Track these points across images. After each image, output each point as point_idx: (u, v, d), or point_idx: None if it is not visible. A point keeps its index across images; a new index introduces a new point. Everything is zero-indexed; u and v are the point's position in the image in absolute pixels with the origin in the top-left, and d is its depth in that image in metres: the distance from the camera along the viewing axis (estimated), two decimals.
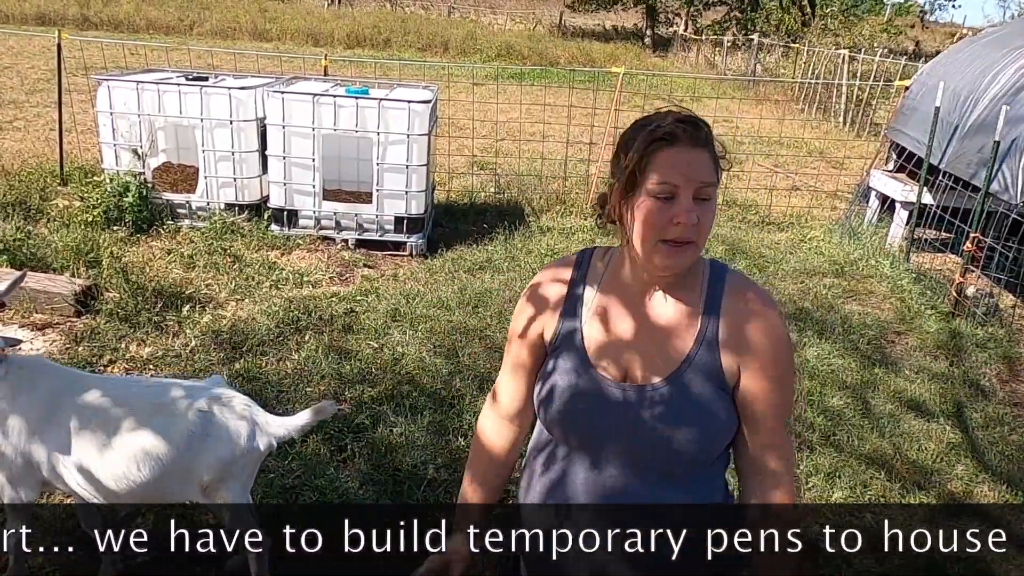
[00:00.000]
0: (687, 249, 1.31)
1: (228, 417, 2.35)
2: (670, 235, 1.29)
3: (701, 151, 1.30)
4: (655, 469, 1.38)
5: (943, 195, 6.36)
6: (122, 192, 5.88)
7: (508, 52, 22.69)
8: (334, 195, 6.34)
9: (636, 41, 28.68)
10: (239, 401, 2.42)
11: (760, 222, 7.71)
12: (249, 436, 2.36)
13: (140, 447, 2.26)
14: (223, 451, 2.31)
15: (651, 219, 1.29)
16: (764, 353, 1.35)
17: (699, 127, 1.31)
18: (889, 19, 25.07)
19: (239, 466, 2.36)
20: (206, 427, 2.30)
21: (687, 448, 1.35)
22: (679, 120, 1.31)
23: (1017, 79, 6.13)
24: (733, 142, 10.53)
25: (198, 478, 2.31)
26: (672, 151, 1.28)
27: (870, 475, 3.55)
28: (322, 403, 2.48)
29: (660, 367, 1.36)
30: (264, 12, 24.44)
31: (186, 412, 2.30)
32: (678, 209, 1.28)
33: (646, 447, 1.36)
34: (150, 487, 2.29)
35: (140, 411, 2.30)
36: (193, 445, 2.29)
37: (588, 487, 1.42)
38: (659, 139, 1.29)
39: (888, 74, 13.83)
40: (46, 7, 21.78)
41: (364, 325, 4.63)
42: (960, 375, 4.65)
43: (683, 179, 1.28)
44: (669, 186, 1.28)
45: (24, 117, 9.96)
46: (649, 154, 1.29)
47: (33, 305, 4.45)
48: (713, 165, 1.32)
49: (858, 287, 6.07)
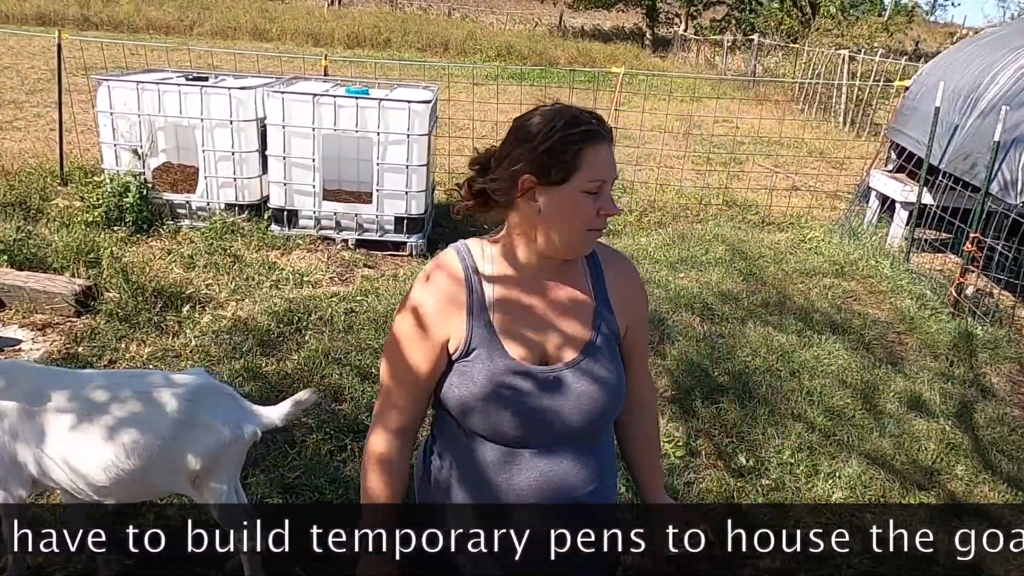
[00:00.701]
0: (600, 235, 1.45)
1: (213, 406, 2.36)
2: (596, 225, 1.41)
3: (611, 146, 1.42)
4: (586, 436, 1.48)
5: (943, 195, 6.37)
6: (122, 192, 5.88)
7: (508, 52, 22.69)
8: (334, 195, 6.34)
9: (636, 41, 28.68)
10: (223, 391, 2.44)
11: (760, 222, 7.71)
12: (235, 424, 2.36)
13: (127, 437, 2.26)
14: (210, 440, 2.31)
15: (583, 211, 1.39)
16: (641, 307, 1.57)
17: (604, 123, 1.42)
18: (889, 18, 25.06)
19: (226, 455, 2.35)
20: (192, 416, 2.30)
21: (610, 407, 1.48)
22: (594, 118, 1.40)
23: (1017, 79, 6.13)
24: (733, 142, 10.54)
25: (186, 468, 2.31)
26: (600, 148, 1.39)
27: (870, 475, 3.55)
28: (302, 393, 2.49)
29: (573, 342, 1.46)
30: (264, 12, 24.45)
31: (171, 401, 2.31)
32: (605, 202, 1.40)
33: (578, 418, 1.45)
34: (138, 479, 2.30)
35: (124, 402, 2.30)
36: (180, 434, 2.29)
37: (531, 477, 1.45)
38: (588, 138, 1.38)
39: (888, 74, 13.84)
40: (46, 7, 21.79)
41: (364, 325, 4.63)
42: (960, 375, 4.65)
43: (609, 175, 1.40)
44: (599, 182, 1.39)
45: (24, 117, 9.97)
46: (579, 150, 1.37)
47: (33, 305, 4.45)
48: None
49: (858, 287, 6.07)
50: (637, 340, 1.57)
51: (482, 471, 1.46)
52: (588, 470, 1.47)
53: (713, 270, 6.04)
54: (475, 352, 1.43)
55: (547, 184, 1.38)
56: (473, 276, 1.46)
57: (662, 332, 4.78)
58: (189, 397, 2.33)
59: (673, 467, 3.48)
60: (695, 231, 7.08)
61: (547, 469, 1.45)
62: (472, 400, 1.43)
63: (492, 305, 1.45)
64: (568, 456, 1.46)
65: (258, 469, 3.22)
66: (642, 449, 1.64)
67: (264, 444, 3.38)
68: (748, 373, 4.38)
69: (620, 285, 1.53)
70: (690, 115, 11.87)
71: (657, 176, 8.71)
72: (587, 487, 1.47)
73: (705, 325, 5.02)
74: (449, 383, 1.45)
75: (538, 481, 1.45)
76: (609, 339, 1.49)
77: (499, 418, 1.42)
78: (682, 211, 7.79)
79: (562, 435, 1.44)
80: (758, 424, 3.87)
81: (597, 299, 1.50)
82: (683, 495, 3.31)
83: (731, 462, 3.59)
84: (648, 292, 5.81)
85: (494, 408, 1.42)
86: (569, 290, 1.49)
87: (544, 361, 1.45)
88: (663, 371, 4.34)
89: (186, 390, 2.34)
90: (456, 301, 1.45)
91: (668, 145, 9.61)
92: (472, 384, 1.42)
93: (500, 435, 1.44)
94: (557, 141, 1.36)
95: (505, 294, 1.46)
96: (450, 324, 1.44)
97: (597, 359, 1.46)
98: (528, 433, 1.43)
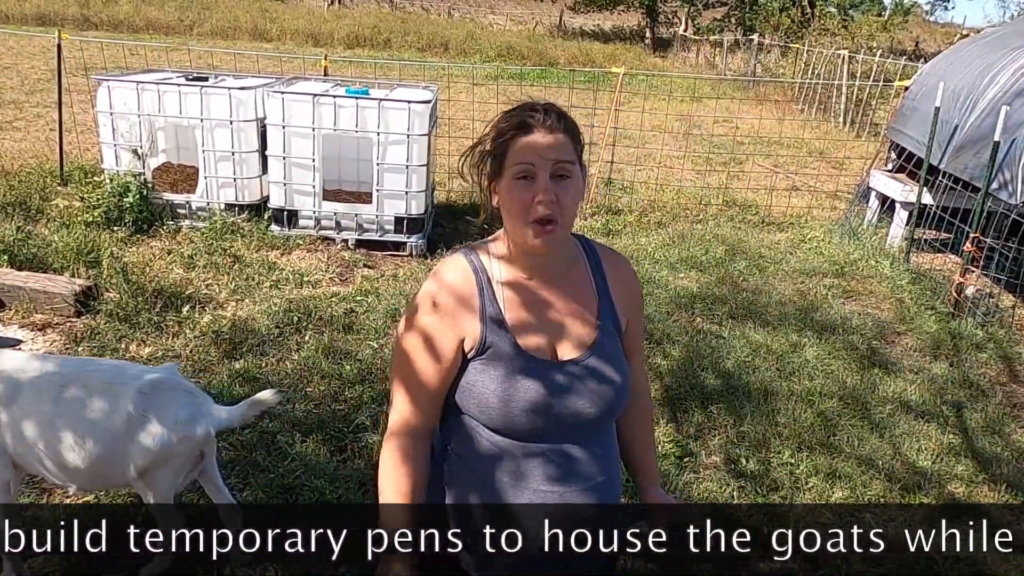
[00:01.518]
0: (554, 228, 1.41)
1: (167, 401, 2.39)
2: (534, 215, 1.40)
3: (557, 134, 1.41)
4: (596, 429, 1.52)
5: (943, 195, 6.36)
6: (122, 192, 5.88)
7: (508, 52, 22.69)
8: (334, 195, 6.34)
9: (636, 41, 28.68)
10: (181, 387, 2.47)
11: (760, 222, 7.71)
12: (187, 422, 2.39)
13: (85, 422, 2.33)
14: (160, 435, 2.35)
15: (516, 198, 1.41)
16: (638, 301, 1.63)
17: (550, 113, 1.42)
18: (888, 19, 25.05)
19: (175, 452, 2.39)
20: (145, 409, 2.34)
21: (619, 400, 1.52)
22: (533, 109, 1.42)
23: (1017, 79, 6.13)
24: (733, 142, 10.54)
25: (134, 460, 2.35)
26: (528, 137, 1.40)
27: (870, 476, 3.55)
28: (262, 393, 2.52)
29: (582, 337, 1.50)
30: (264, 12, 24.45)
31: (128, 394, 2.35)
32: (537, 187, 1.39)
33: (591, 411, 1.48)
34: (95, 465, 2.36)
35: (89, 389, 2.36)
36: (132, 426, 2.33)
37: (544, 471, 1.47)
38: (515, 127, 1.41)
39: (887, 74, 13.84)
40: (46, 7, 21.78)
41: (364, 325, 4.63)
42: (960, 376, 4.65)
43: (538, 159, 1.39)
44: (525, 166, 1.39)
45: (24, 117, 9.96)
46: (508, 140, 1.41)
47: (33, 305, 4.46)
48: (572, 146, 1.43)
49: (858, 287, 6.07)
50: (634, 335, 1.62)
51: (496, 466, 1.48)
52: (598, 462, 1.51)
53: (713, 270, 6.04)
54: (490, 350, 1.46)
55: (496, 180, 1.44)
56: (482, 276, 1.49)
57: (662, 332, 4.78)
58: (145, 391, 2.36)
59: (672, 467, 3.48)
60: (695, 231, 7.09)
61: (560, 461, 1.48)
62: (490, 397, 1.45)
63: (503, 304, 1.48)
64: (579, 449, 1.49)
65: (258, 469, 3.23)
66: (637, 441, 1.68)
67: (264, 444, 3.39)
68: (747, 373, 4.38)
69: (619, 282, 1.58)
70: (690, 115, 11.87)
71: (657, 176, 8.71)
72: (597, 478, 1.51)
73: (705, 325, 5.02)
74: (466, 382, 1.48)
75: (551, 474, 1.47)
76: (613, 334, 1.54)
77: (515, 413, 1.45)
78: (682, 211, 7.79)
79: (574, 428, 1.48)
80: (757, 424, 3.87)
81: (600, 295, 1.54)
82: (682, 496, 3.31)
83: (730, 462, 3.59)
84: (648, 292, 5.82)
85: (511, 404, 1.44)
86: (575, 287, 1.53)
87: (555, 356, 1.48)
88: (663, 371, 4.34)
89: (144, 384, 2.38)
90: (468, 302, 1.47)
91: (668, 145, 9.61)
92: (490, 381, 1.45)
93: (515, 430, 1.46)
94: (494, 136, 1.42)
95: (514, 292, 1.49)
96: (465, 324, 1.47)
97: (605, 354, 1.50)
98: (542, 427, 1.46)
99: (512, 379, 1.45)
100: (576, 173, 1.43)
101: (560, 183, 1.41)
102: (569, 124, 1.44)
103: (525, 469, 1.48)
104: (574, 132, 1.45)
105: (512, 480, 1.48)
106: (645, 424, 1.71)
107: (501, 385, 1.45)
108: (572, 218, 1.45)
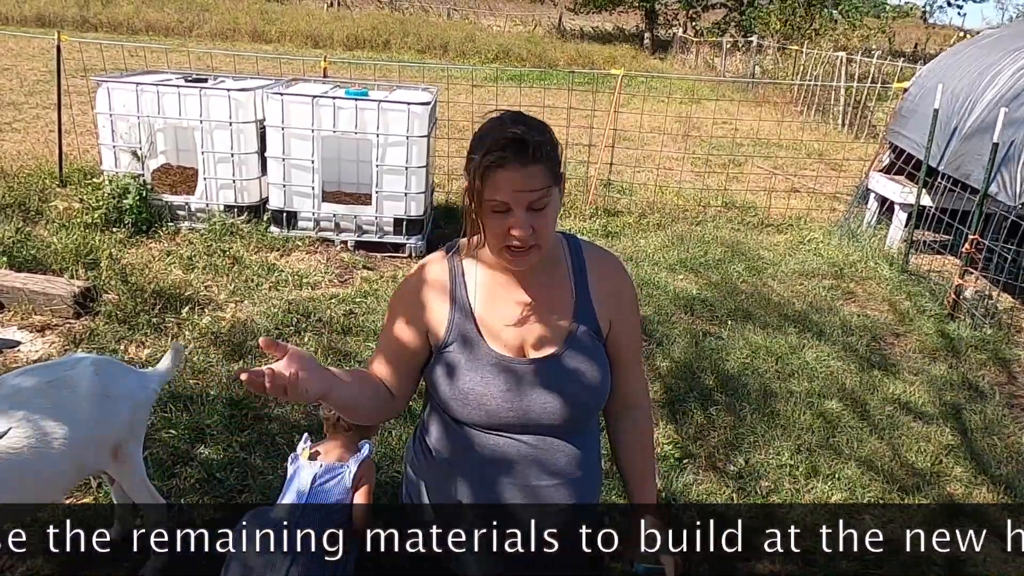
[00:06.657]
0: (531, 252, 1.44)
1: (117, 375, 2.45)
2: (508, 243, 1.43)
3: (532, 166, 1.39)
4: (567, 428, 1.53)
5: (942, 197, 6.37)
6: (121, 194, 5.87)
7: (507, 54, 22.69)
8: (333, 197, 6.34)
9: (635, 43, 28.69)
10: (113, 361, 2.55)
11: (759, 224, 7.71)
12: (138, 388, 2.48)
13: (50, 424, 2.23)
14: (125, 406, 2.40)
15: (493, 229, 1.43)
16: (625, 305, 1.60)
17: (525, 145, 1.38)
18: (887, 21, 25.06)
19: (138, 419, 2.46)
20: (106, 388, 2.36)
21: (588, 401, 1.53)
22: (508, 142, 1.38)
23: (1015, 81, 6.14)
24: (732, 144, 10.54)
25: (111, 440, 2.36)
26: (503, 173, 1.38)
27: (869, 477, 3.55)
28: (173, 344, 2.68)
29: (553, 337, 1.52)
30: (263, 14, 24.45)
31: (83, 379, 2.34)
32: (513, 222, 1.40)
33: (557, 410, 1.50)
34: (72, 461, 2.29)
35: (38, 393, 2.27)
36: (103, 407, 2.34)
37: (512, 464, 1.51)
38: (490, 165, 1.39)
39: (886, 76, 13.85)
40: (45, 8, 21.79)
41: (363, 327, 4.63)
42: (959, 377, 4.66)
43: (513, 197, 1.39)
44: (500, 203, 1.40)
45: (23, 119, 9.96)
46: (484, 177, 1.40)
47: (32, 307, 4.45)
48: (547, 172, 1.41)
49: (857, 289, 6.07)
50: (623, 339, 1.60)
51: (467, 456, 1.53)
52: (573, 459, 1.54)
53: (712, 272, 6.05)
54: (456, 343, 1.51)
55: (472, 200, 1.45)
56: (458, 271, 1.56)
57: (661, 334, 4.78)
58: (96, 372, 2.37)
59: (671, 469, 3.48)
60: (694, 233, 7.09)
61: (533, 456, 1.51)
62: (452, 389, 1.50)
63: (475, 299, 1.53)
64: (553, 444, 1.52)
65: (256, 472, 3.22)
66: (633, 453, 1.65)
67: (263, 444, 3.39)
68: (747, 375, 4.39)
69: (604, 284, 1.58)
70: (689, 117, 11.88)
71: (656, 178, 8.71)
72: (572, 475, 1.53)
73: (704, 326, 5.02)
74: (435, 373, 1.53)
75: (521, 468, 1.51)
76: (590, 335, 1.54)
77: (479, 408, 1.49)
78: (681, 213, 7.79)
79: (544, 425, 1.51)
80: (756, 426, 3.87)
81: (578, 296, 1.55)
82: (681, 497, 3.31)
83: (730, 464, 3.59)
84: (647, 294, 5.81)
85: (474, 398, 1.49)
86: (550, 287, 1.55)
87: (523, 355, 1.51)
88: (662, 372, 4.34)
89: (89, 365, 2.38)
90: (441, 293, 1.54)
91: (667, 147, 9.61)
92: (453, 374, 1.50)
93: (481, 423, 1.51)
94: (472, 163, 1.42)
95: (487, 290, 1.54)
96: (434, 313, 1.53)
97: (576, 354, 1.52)
98: (508, 422, 1.50)
99: (476, 372, 1.49)
100: (553, 195, 1.43)
101: (536, 214, 1.41)
102: (543, 149, 1.40)
103: (495, 460, 1.52)
104: (549, 151, 1.41)
105: (480, 470, 1.53)
106: (640, 440, 1.65)
107: (463, 379, 1.49)
108: (551, 235, 1.46)
